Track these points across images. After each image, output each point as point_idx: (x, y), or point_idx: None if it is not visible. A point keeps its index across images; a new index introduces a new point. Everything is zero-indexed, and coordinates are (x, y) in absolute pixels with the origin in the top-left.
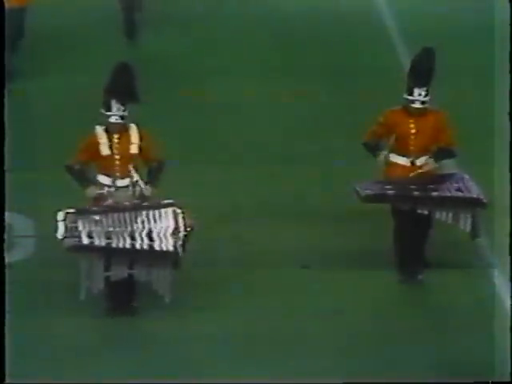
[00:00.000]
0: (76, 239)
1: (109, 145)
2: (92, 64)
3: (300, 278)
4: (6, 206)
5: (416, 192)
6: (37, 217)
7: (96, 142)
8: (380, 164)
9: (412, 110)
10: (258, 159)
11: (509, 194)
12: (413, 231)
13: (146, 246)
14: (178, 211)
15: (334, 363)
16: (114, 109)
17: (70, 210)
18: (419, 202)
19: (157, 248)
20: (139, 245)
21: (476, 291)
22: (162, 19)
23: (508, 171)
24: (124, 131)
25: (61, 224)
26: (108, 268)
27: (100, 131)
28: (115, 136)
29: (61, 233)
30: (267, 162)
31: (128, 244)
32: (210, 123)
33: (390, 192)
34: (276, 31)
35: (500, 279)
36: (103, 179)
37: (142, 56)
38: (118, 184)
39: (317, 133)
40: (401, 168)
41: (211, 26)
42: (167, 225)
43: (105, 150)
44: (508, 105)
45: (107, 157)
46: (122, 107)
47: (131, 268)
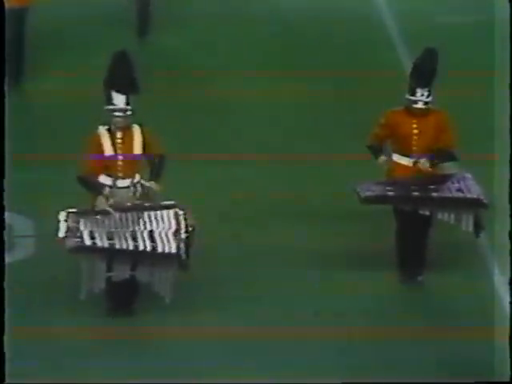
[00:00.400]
0: (78, 240)
1: (111, 144)
2: (92, 64)
3: (300, 278)
4: (6, 206)
5: (416, 193)
6: (37, 217)
7: (100, 144)
8: (380, 166)
9: (415, 111)
10: (258, 159)
11: (509, 194)
12: (414, 232)
13: (149, 248)
14: (180, 213)
15: (334, 363)
16: (117, 100)
17: (72, 210)
18: (420, 203)
19: (160, 250)
20: (142, 246)
21: (476, 291)
22: (162, 19)
23: (508, 171)
24: (127, 130)
25: (62, 224)
26: (110, 268)
27: (103, 131)
28: (118, 135)
29: (62, 232)
30: (267, 162)
31: (131, 245)
32: (210, 123)
33: (391, 193)
34: (276, 31)
35: (500, 279)
36: (104, 179)
37: (144, 54)
38: (119, 184)
39: (317, 133)
40: (403, 168)
41: (211, 26)
42: (169, 226)
43: (108, 150)
44: (508, 105)
45: (110, 157)
46: (125, 100)
47: (133, 269)
